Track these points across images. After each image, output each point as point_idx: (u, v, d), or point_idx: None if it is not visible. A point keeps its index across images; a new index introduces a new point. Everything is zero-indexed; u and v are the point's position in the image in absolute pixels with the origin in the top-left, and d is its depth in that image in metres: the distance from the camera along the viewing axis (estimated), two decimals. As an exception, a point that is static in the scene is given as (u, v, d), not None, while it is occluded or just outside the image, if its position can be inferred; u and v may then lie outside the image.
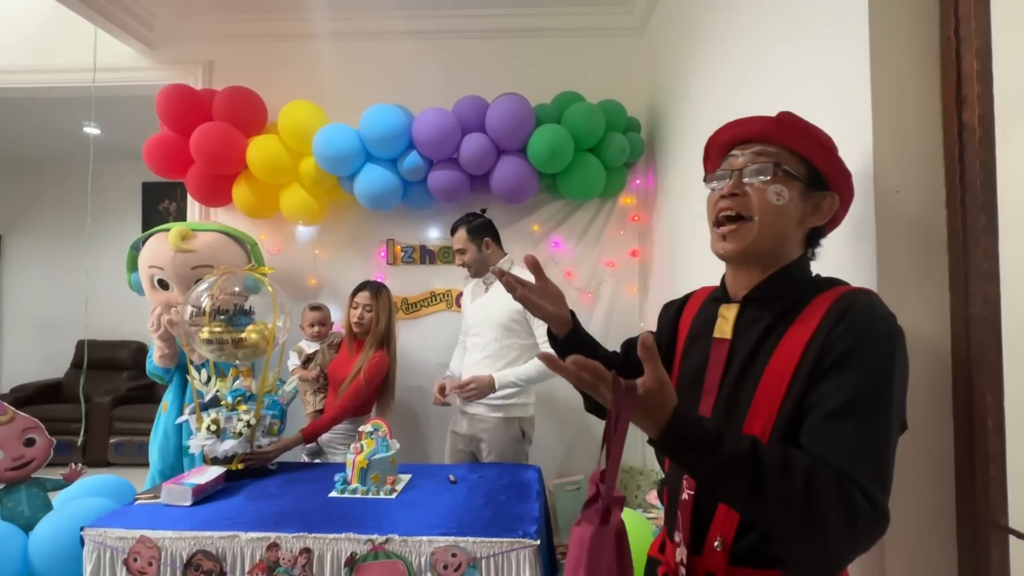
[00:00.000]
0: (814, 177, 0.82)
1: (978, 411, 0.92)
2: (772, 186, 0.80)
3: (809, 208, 0.82)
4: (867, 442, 0.67)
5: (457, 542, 1.34)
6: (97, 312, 4.54)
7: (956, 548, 0.96)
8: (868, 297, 0.76)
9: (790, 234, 0.82)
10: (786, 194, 0.80)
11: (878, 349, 0.70)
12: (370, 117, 2.40)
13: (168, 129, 2.57)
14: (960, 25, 0.95)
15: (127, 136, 4.01)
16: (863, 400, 0.68)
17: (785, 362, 0.74)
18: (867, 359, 0.69)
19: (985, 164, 0.91)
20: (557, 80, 2.66)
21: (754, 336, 0.80)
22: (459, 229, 2.12)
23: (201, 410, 1.78)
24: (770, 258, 0.83)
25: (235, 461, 1.75)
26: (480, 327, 2.10)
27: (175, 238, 2.15)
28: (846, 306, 0.73)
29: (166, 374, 2.14)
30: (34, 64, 2.88)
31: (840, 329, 0.71)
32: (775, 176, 0.80)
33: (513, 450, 2.07)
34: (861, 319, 0.72)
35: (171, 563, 1.37)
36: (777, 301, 0.81)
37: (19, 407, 1.69)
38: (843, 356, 0.70)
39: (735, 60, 1.67)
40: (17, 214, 5.27)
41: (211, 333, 1.82)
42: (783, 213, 0.80)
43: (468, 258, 2.12)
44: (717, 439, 0.67)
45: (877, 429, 0.68)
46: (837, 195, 0.84)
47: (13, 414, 1.65)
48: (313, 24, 2.80)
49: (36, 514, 1.61)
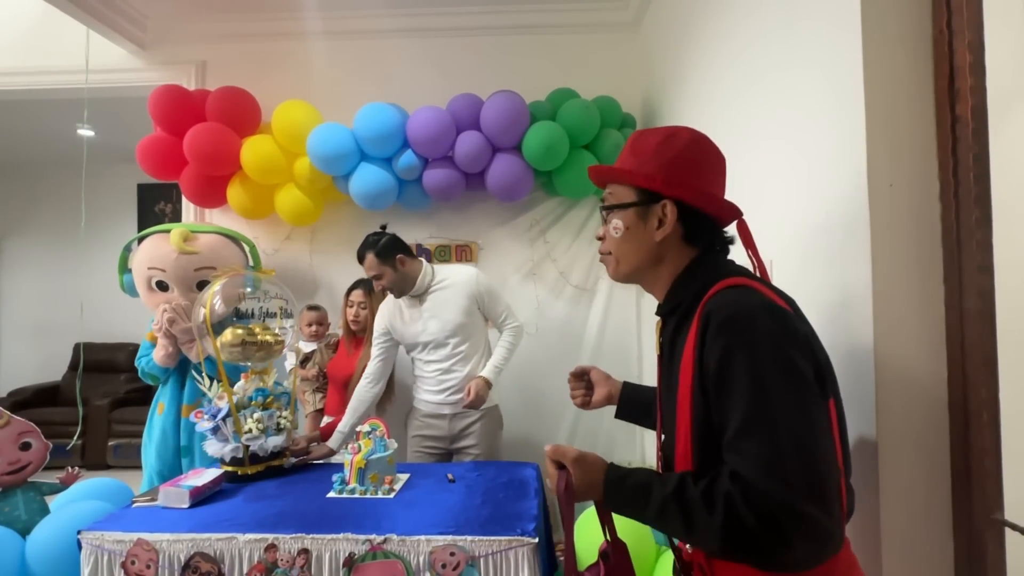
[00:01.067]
0: (644, 195, 0.86)
1: (973, 404, 0.92)
2: (612, 223, 0.89)
3: (653, 222, 0.86)
4: (771, 453, 0.67)
5: (455, 541, 1.34)
6: (94, 314, 4.53)
7: (952, 541, 0.97)
8: (729, 294, 0.77)
9: (652, 253, 0.87)
10: (621, 225, 0.87)
11: (743, 354, 0.71)
12: (364, 116, 2.39)
13: (161, 130, 2.55)
14: (952, 18, 0.94)
15: (121, 137, 4.00)
16: (753, 413, 0.69)
17: (686, 373, 0.78)
18: (738, 368, 0.70)
19: (978, 157, 0.91)
20: (552, 77, 2.66)
21: (667, 348, 0.87)
22: (367, 255, 1.97)
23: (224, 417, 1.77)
24: (653, 274, 0.89)
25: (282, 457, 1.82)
26: (438, 337, 2.03)
27: (178, 239, 2.14)
28: (708, 313, 0.75)
29: (163, 374, 2.14)
30: (26, 66, 2.86)
31: (708, 341, 0.74)
32: (606, 216, 0.91)
33: (498, 439, 2.13)
34: (720, 326, 0.73)
35: (169, 565, 1.36)
36: (674, 312, 0.86)
37: (17, 410, 1.69)
38: (718, 374, 0.72)
39: (729, 54, 1.67)
40: (13, 217, 5.25)
41: (235, 335, 1.81)
42: (627, 241, 0.88)
43: (387, 281, 1.99)
44: (646, 490, 0.75)
45: (777, 435, 0.67)
46: (669, 200, 0.84)
47: (8, 418, 1.64)
48: (306, 23, 2.78)
49: (33, 518, 1.60)
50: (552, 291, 2.82)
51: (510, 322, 2.11)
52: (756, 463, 0.68)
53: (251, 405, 1.80)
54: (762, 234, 1.45)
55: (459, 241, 2.84)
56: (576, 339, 2.81)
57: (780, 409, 0.68)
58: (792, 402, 0.69)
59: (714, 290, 0.78)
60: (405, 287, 2.02)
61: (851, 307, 1.05)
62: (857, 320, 1.02)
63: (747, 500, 0.67)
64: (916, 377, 0.98)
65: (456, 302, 2.02)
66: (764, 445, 0.68)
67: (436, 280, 2.05)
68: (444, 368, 2.06)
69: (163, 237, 2.19)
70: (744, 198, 1.52)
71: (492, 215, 2.82)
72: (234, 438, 1.74)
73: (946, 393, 0.97)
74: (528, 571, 1.31)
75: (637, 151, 0.87)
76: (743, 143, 1.54)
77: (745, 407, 0.69)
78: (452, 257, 2.83)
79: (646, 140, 0.88)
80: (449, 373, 2.05)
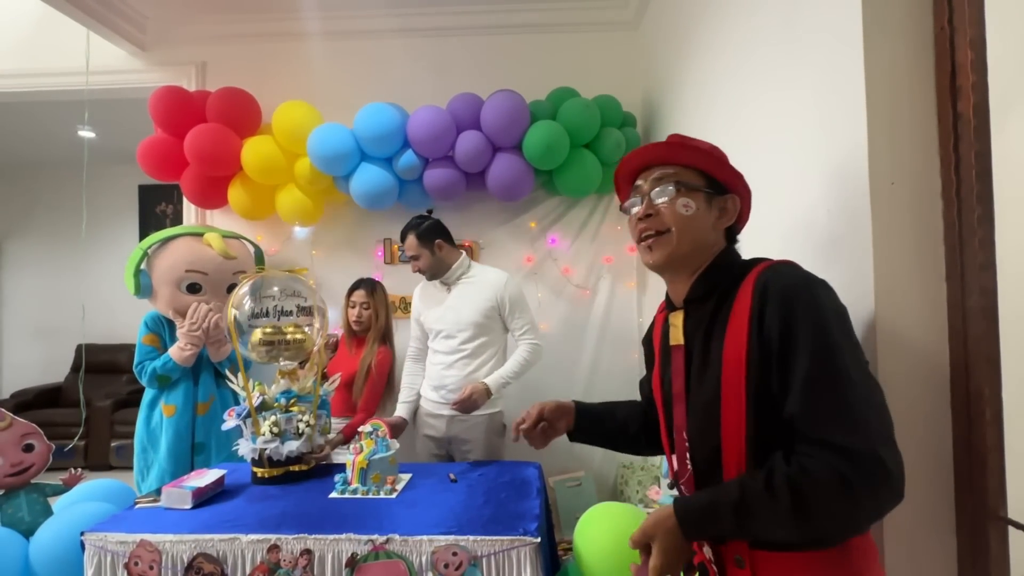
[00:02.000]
0: (713, 185, 0.91)
1: (976, 402, 0.92)
2: (679, 200, 0.89)
3: (716, 212, 0.91)
4: (845, 404, 0.70)
5: (457, 541, 1.34)
6: (96, 316, 4.54)
7: (955, 539, 0.96)
8: (783, 267, 0.82)
9: (707, 238, 0.90)
10: (693, 204, 0.89)
11: (808, 317, 0.74)
12: (364, 116, 2.39)
13: (162, 131, 2.56)
14: (954, 14, 0.94)
15: (122, 139, 4.00)
16: (819, 372, 0.72)
17: (735, 350, 0.79)
18: (803, 332, 0.73)
19: (980, 154, 0.91)
20: (552, 76, 2.65)
21: (701, 335, 0.87)
22: (408, 235, 2.04)
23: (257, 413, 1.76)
24: (695, 262, 0.91)
25: (303, 461, 1.77)
26: (450, 329, 2.05)
27: (221, 244, 2.22)
28: (764, 285, 0.79)
29: (178, 374, 2.16)
30: (26, 68, 2.87)
31: (769, 311, 0.76)
32: (679, 192, 0.89)
33: (497, 445, 2.08)
34: (782, 294, 0.76)
35: (172, 566, 1.37)
36: (711, 296, 0.87)
37: (20, 412, 1.70)
38: (783, 340, 0.75)
39: (729, 52, 1.66)
40: (14, 219, 5.26)
41: (264, 335, 1.82)
42: (695, 221, 0.89)
43: (423, 264, 2.05)
44: (713, 508, 0.77)
45: (844, 387, 0.71)
46: (736, 196, 0.92)
47: (11, 420, 1.64)
48: (306, 24, 2.78)
49: (36, 519, 1.60)
50: (553, 291, 2.82)
51: (529, 337, 2.06)
52: (829, 414, 0.70)
53: (274, 407, 1.78)
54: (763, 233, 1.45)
55: (460, 240, 2.83)
56: (577, 339, 2.80)
57: (849, 366, 0.72)
58: (858, 362, 0.73)
59: (759, 269, 0.82)
60: (439, 272, 2.07)
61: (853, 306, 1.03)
62: (859, 318, 1.02)
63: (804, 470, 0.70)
64: (918, 375, 0.97)
65: (478, 299, 2.02)
66: (839, 397, 0.70)
67: (469, 273, 2.09)
68: (447, 363, 2.06)
69: (197, 240, 2.24)
70: (745, 196, 1.53)
71: (493, 215, 2.82)
72: (252, 439, 1.73)
73: (949, 391, 0.97)
74: (530, 571, 1.31)
75: (699, 147, 0.91)
76: (743, 141, 1.53)
77: (809, 365, 0.72)
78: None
79: (696, 142, 0.92)
80: (450, 369, 2.05)
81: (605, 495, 2.74)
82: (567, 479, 2.64)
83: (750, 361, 0.77)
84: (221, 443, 2.18)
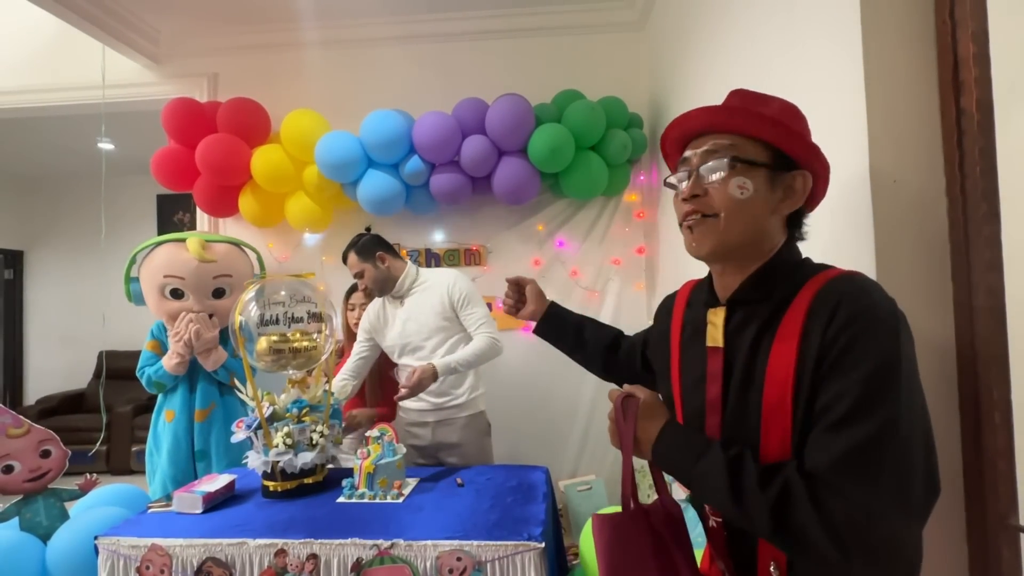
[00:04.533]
0: (779, 159, 0.74)
1: (985, 405, 0.89)
2: (733, 179, 0.73)
3: (780, 193, 0.75)
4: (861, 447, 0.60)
5: (462, 546, 1.34)
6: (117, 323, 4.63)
7: (966, 547, 0.94)
8: (860, 282, 0.69)
9: (765, 225, 0.75)
10: (750, 186, 0.73)
11: (879, 342, 0.62)
12: (370, 123, 2.41)
13: (175, 142, 2.61)
14: (955, 7, 0.92)
15: (139, 150, 4.09)
16: (862, 403, 0.61)
17: (783, 366, 0.68)
18: (868, 355, 0.62)
19: (985, 150, 0.89)
20: (557, 79, 2.65)
21: (747, 341, 0.74)
22: (348, 254, 2.02)
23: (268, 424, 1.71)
24: (749, 253, 0.76)
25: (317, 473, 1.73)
26: (416, 339, 2.01)
27: (197, 248, 2.14)
28: (837, 297, 0.66)
29: (172, 382, 2.17)
30: (46, 83, 2.95)
31: (835, 325, 0.64)
32: (733, 169, 0.73)
33: (485, 445, 2.08)
34: (856, 311, 0.64)
35: (182, 570, 1.39)
36: (764, 302, 0.74)
37: (44, 418, 1.73)
38: (841, 355, 0.63)
39: (733, 50, 1.65)
40: (37, 231, 5.41)
41: (271, 343, 1.76)
42: (750, 206, 0.73)
43: (369, 279, 2.01)
44: (704, 444, 0.71)
45: (880, 429, 0.59)
46: (808, 172, 0.75)
47: (29, 427, 1.68)
48: (312, 33, 2.82)
49: (53, 524, 1.64)
50: (561, 293, 2.81)
51: (485, 330, 1.98)
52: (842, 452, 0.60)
53: (286, 417, 1.73)
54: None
55: (467, 245, 2.85)
56: (586, 341, 2.79)
57: (893, 405, 0.60)
58: (907, 403, 0.61)
59: (827, 276, 0.70)
60: (387, 286, 2.02)
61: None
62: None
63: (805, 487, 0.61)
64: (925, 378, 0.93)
65: (432, 304, 1.99)
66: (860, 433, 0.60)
67: (418, 282, 2.04)
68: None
69: (177, 246, 2.19)
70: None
71: (500, 218, 2.82)
72: (264, 452, 1.67)
73: (956, 394, 0.94)
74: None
75: (763, 114, 0.74)
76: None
77: (857, 392, 0.61)
78: (461, 261, 2.84)
79: (764, 104, 0.76)
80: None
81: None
82: (578, 483, 2.62)
83: (798, 384, 0.66)
84: (222, 452, 2.15)
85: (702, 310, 0.83)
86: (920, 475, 0.60)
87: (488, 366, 2.05)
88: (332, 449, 1.79)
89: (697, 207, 0.77)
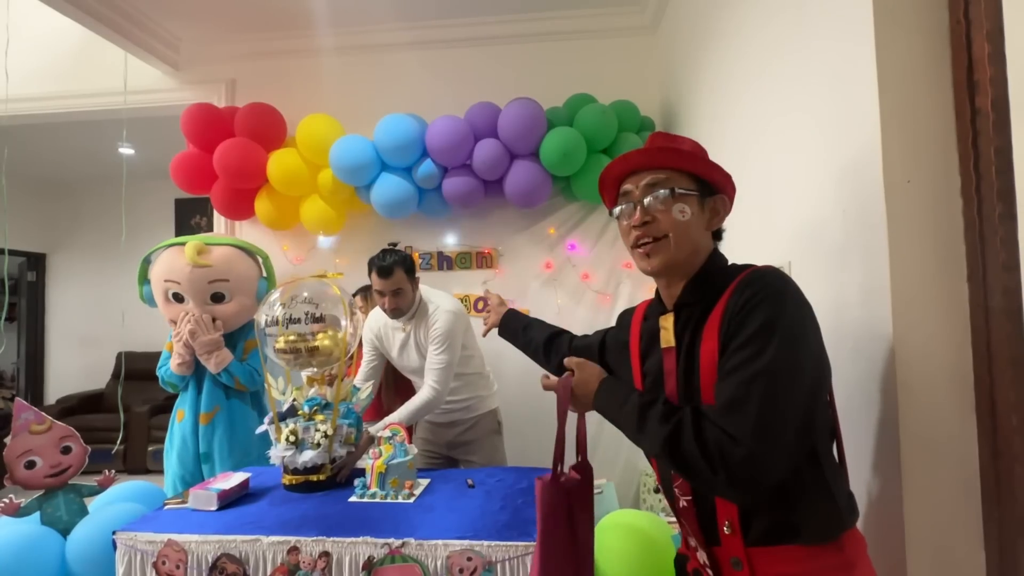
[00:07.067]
0: (703, 187, 0.91)
1: (1002, 408, 0.88)
2: (675, 205, 0.89)
3: (708, 214, 0.92)
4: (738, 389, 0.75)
5: (472, 546, 1.34)
6: (135, 325, 4.71)
7: (984, 553, 0.92)
8: (762, 270, 0.84)
9: (701, 241, 0.92)
10: (688, 210, 0.89)
11: (763, 308, 0.77)
12: (384, 127, 2.44)
13: (193, 146, 2.66)
14: (969, 6, 0.91)
15: (159, 155, 4.16)
16: (746, 357, 0.76)
17: (711, 351, 0.82)
18: (755, 319, 0.77)
19: (1000, 150, 0.88)
20: (569, 82, 2.67)
21: (688, 337, 0.88)
22: (396, 270, 1.88)
23: (279, 420, 1.75)
24: (689, 265, 0.91)
25: (321, 472, 1.73)
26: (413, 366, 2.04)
27: (191, 253, 2.14)
28: (742, 287, 0.81)
29: (181, 382, 2.20)
30: (69, 90, 3.03)
31: (737, 305, 0.80)
32: (674, 197, 0.89)
33: (496, 443, 2.11)
34: (752, 290, 0.79)
35: (197, 566, 1.41)
36: (700, 301, 0.88)
37: (64, 417, 1.76)
38: (738, 326, 0.78)
39: (746, 53, 1.64)
40: (59, 234, 5.53)
41: (286, 342, 1.78)
42: (691, 226, 0.89)
43: (404, 301, 1.92)
44: (629, 392, 0.90)
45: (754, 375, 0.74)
46: (725, 195, 0.93)
47: (51, 423, 1.72)
48: (328, 40, 2.87)
49: (73, 519, 1.67)
50: (573, 297, 2.81)
51: (431, 379, 1.92)
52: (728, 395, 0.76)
53: (298, 415, 1.75)
54: (779, 234, 1.43)
55: (479, 248, 2.86)
56: (598, 344, 2.79)
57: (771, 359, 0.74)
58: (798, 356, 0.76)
59: (744, 273, 0.84)
60: (408, 308, 1.97)
61: (870, 308, 1.02)
62: (876, 322, 0.99)
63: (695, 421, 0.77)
64: (940, 380, 0.94)
65: (419, 341, 2.00)
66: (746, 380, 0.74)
67: (420, 308, 2.01)
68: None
69: (179, 250, 2.19)
70: (761, 197, 1.50)
71: (512, 221, 2.84)
72: (275, 446, 1.74)
73: (973, 396, 0.93)
74: (544, 577, 1.31)
75: (684, 150, 0.91)
76: (760, 142, 1.51)
77: (747, 347, 0.76)
78: (473, 264, 2.86)
79: (679, 140, 0.93)
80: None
81: (627, 503, 2.71)
82: (588, 486, 2.61)
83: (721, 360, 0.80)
84: (225, 455, 2.14)
85: (655, 320, 0.97)
86: (789, 417, 0.73)
87: (498, 369, 2.07)
88: (339, 450, 1.78)
89: (647, 231, 0.91)
